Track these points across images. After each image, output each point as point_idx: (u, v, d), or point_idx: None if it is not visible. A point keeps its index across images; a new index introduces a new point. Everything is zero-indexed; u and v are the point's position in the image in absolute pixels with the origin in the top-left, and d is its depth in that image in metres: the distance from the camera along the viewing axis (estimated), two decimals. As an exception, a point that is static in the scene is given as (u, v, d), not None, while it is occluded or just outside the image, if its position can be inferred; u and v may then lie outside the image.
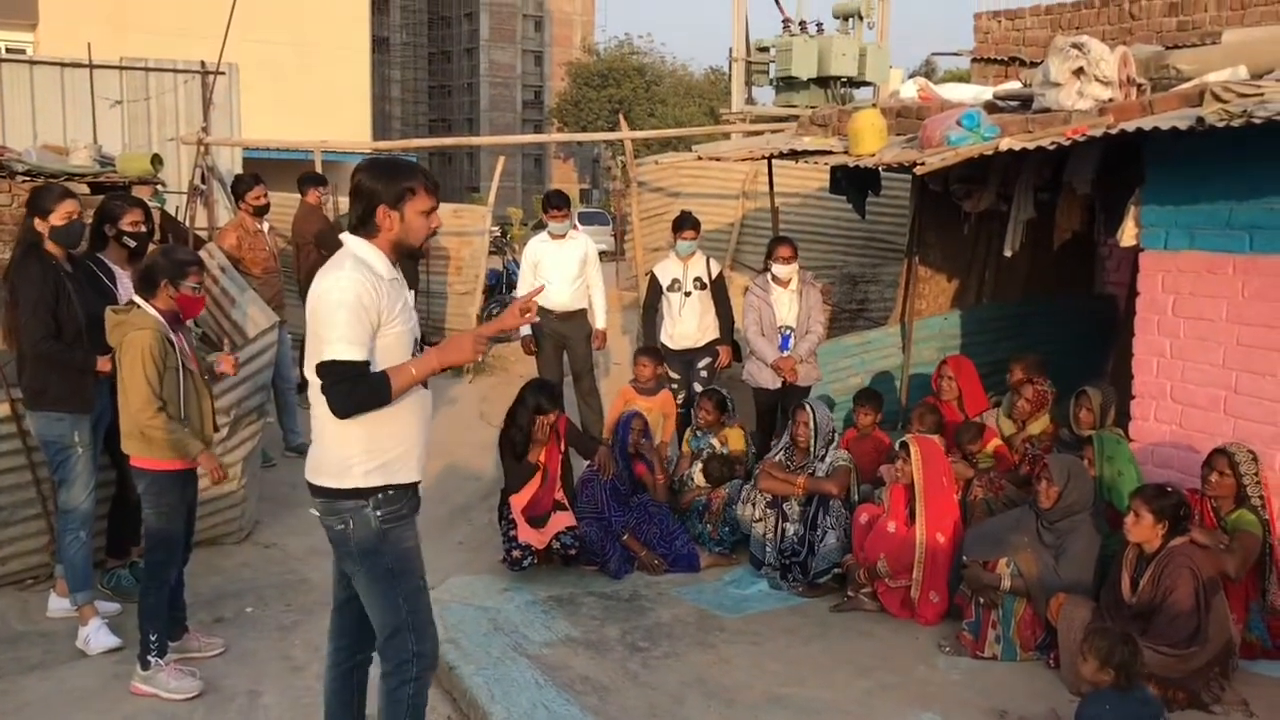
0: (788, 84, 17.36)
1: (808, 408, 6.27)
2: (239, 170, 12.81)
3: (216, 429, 5.10)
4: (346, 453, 3.33)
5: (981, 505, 5.78)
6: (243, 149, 14.27)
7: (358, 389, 3.24)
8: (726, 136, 13.63)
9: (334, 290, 3.23)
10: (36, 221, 5.02)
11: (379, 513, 3.37)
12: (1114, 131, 5.05)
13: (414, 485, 3.51)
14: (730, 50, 18.90)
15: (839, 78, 16.89)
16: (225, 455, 6.14)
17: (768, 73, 17.94)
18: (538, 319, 3.22)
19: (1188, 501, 4.78)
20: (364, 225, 3.36)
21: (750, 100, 19.07)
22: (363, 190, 3.34)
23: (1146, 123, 4.94)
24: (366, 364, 3.25)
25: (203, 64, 12.95)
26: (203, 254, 6.85)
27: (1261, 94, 4.68)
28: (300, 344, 9.60)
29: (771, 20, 17.80)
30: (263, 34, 20.94)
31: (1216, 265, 5.33)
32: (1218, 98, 4.77)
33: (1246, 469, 4.91)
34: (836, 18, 17.42)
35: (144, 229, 5.53)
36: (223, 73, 12.53)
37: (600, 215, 34.34)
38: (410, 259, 3.64)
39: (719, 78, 48.75)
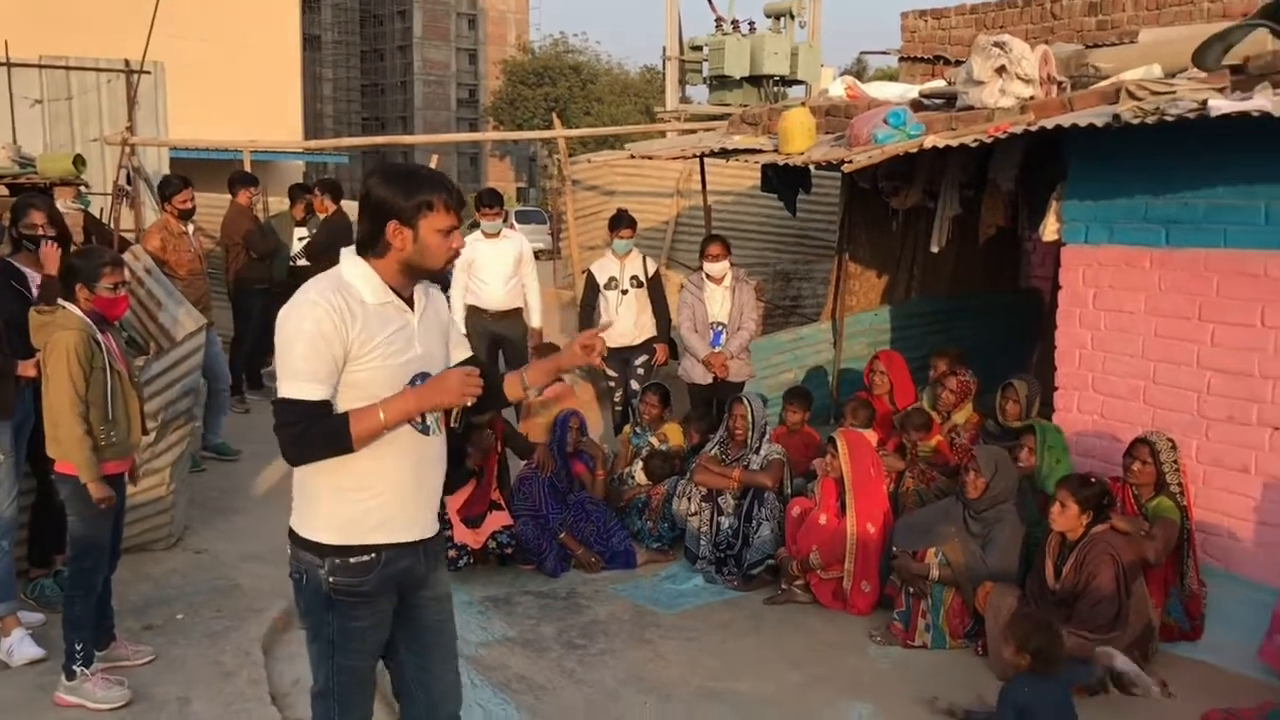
0: (721, 82, 17.48)
1: (745, 401, 6.33)
2: (166, 171, 12.60)
3: (146, 432, 5.02)
4: (315, 499, 2.91)
5: (914, 496, 5.89)
6: (169, 149, 14.02)
7: (308, 433, 2.79)
8: (662, 135, 13.69)
9: (290, 319, 2.81)
10: (-50, 225, 4.89)
11: (331, 579, 2.89)
12: (1034, 129, 5.17)
13: (398, 549, 2.95)
14: (664, 49, 18.95)
15: (771, 76, 17.04)
16: (154, 460, 6.05)
17: (701, 71, 18.03)
18: (605, 356, 2.76)
19: (1110, 490, 4.91)
20: (371, 242, 2.88)
21: (685, 99, 19.15)
22: (371, 201, 2.87)
23: (1066, 120, 5.05)
24: (325, 404, 2.80)
25: (127, 62, 12.69)
26: (127, 256, 6.74)
27: (1174, 92, 4.81)
28: (229, 345, 9.53)
29: (705, 19, 17.87)
30: (189, 32, 20.57)
31: (1134, 259, 5.47)
32: (1133, 96, 4.90)
33: (1166, 457, 5.05)
34: (768, 17, 17.57)
35: (43, 232, 5.39)
36: (148, 71, 12.30)
37: (537, 214, 34.25)
38: (434, 283, 3.12)
39: (654, 76, 48.83)
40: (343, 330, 2.79)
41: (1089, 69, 6.26)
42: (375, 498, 2.90)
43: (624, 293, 7.76)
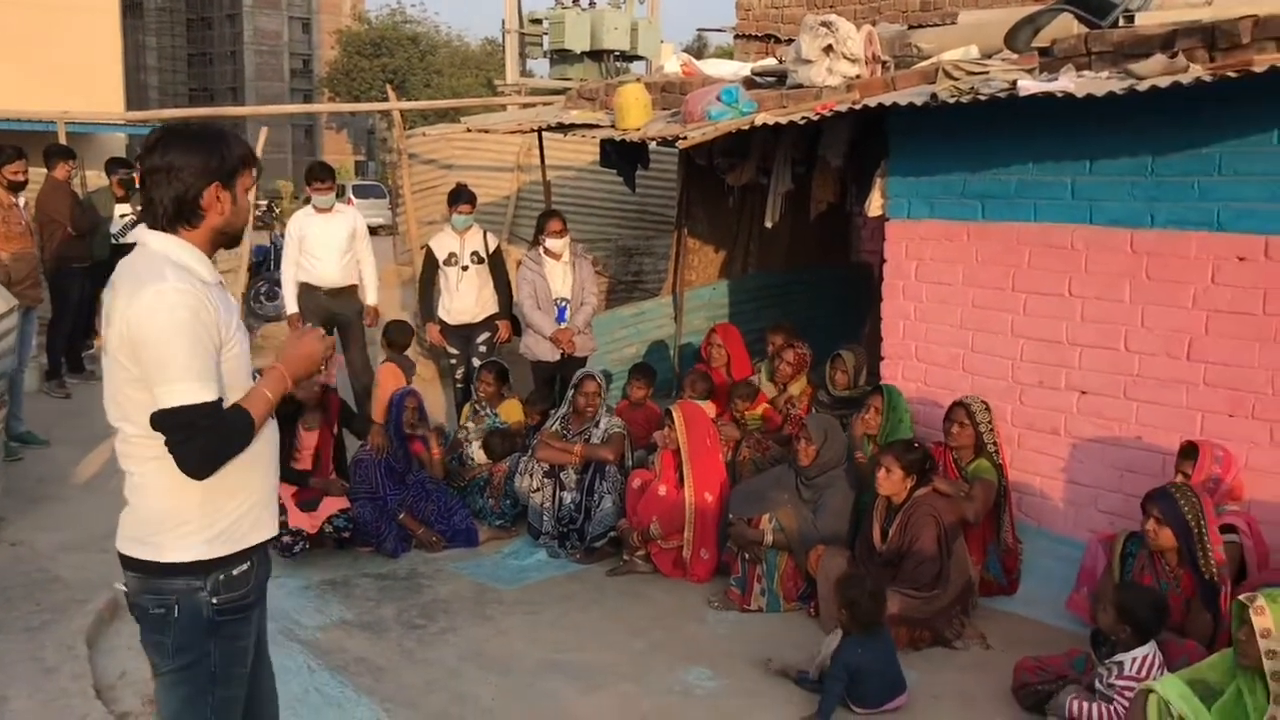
0: (562, 57, 17.43)
1: (595, 376, 6.37)
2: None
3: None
4: (179, 515, 2.58)
5: (749, 465, 6.04)
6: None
7: (216, 437, 2.51)
8: (503, 109, 13.56)
9: (159, 313, 2.45)
10: None
11: (215, 600, 2.61)
12: (858, 107, 5.33)
13: (264, 547, 2.75)
14: (504, 22, 18.77)
15: (612, 51, 17.08)
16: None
17: (542, 45, 17.95)
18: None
19: (932, 455, 5.14)
20: (183, 216, 2.58)
21: (526, 72, 19.04)
22: (176, 169, 2.55)
23: (887, 98, 5.22)
24: (220, 403, 2.52)
25: (-75, 26, 11.83)
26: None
27: (987, 73, 5.03)
28: (46, 326, 9.05)
29: (545, -8, 17.76)
30: (-4, -7, 19.34)
31: (953, 233, 5.71)
32: (949, 75, 5.10)
33: (982, 419, 5.31)
34: (608, -9, 17.60)
35: None
36: (-51, 36, 11.50)
37: (376, 188, 33.50)
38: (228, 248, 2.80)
39: (495, 49, 48.28)
40: (215, 317, 2.53)
41: (912, 49, 6.48)
42: (251, 496, 2.67)
43: (464, 269, 7.67)
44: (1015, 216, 5.43)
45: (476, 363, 7.64)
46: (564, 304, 7.38)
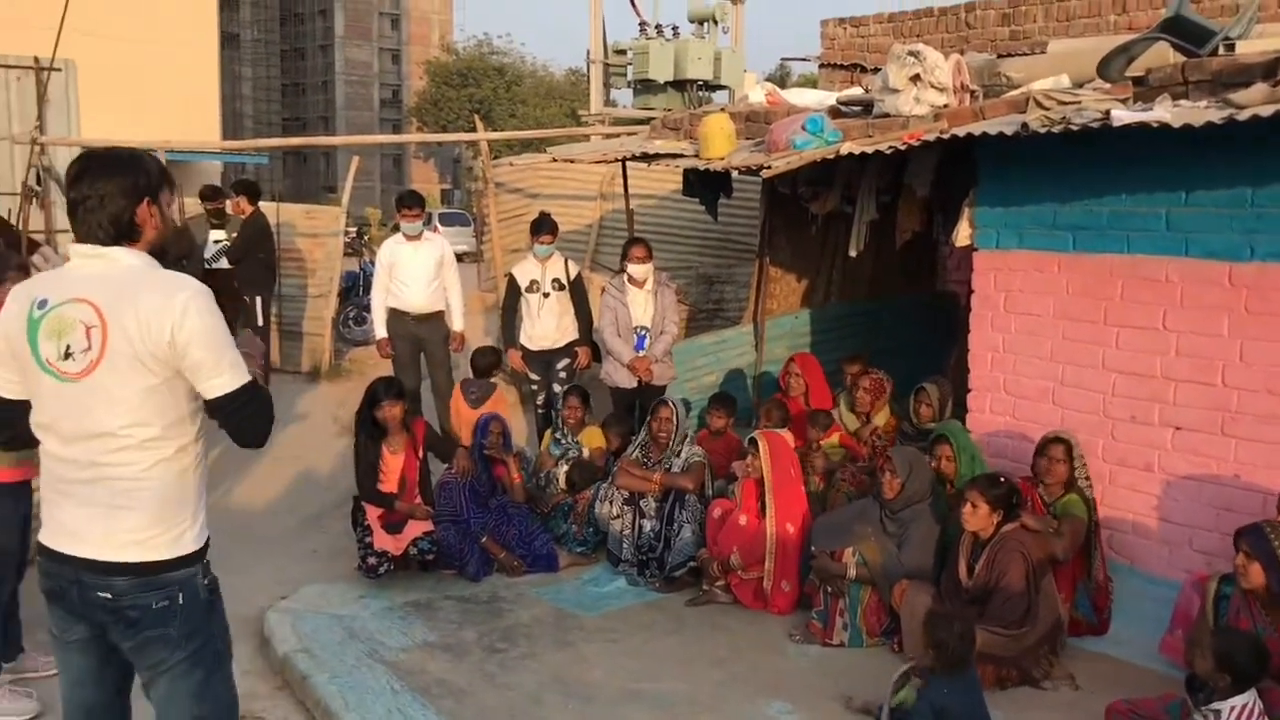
0: (645, 86, 17.48)
1: (670, 404, 6.38)
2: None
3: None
4: (183, 508, 2.78)
5: (843, 499, 5.96)
6: (81, 149, 13.65)
7: (268, 408, 2.85)
8: (586, 138, 13.68)
9: (206, 312, 2.71)
10: None
11: (207, 580, 2.83)
12: (946, 136, 5.28)
13: None
14: (588, 52, 18.95)
15: (695, 81, 17.12)
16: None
17: (626, 75, 18.06)
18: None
19: (1019, 489, 5.04)
20: (123, 234, 2.74)
21: (609, 102, 19.17)
22: (109, 192, 2.70)
23: (976, 128, 5.17)
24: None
25: (36, 60, 12.35)
26: (36, 258, 6.57)
27: (1079, 102, 4.96)
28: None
29: (629, 23, 17.89)
30: (103, 29, 20.10)
31: (1043, 264, 5.62)
32: (1040, 105, 5.04)
33: (1075, 455, 5.19)
34: (692, 21, 17.65)
35: None
36: (58, 69, 11.97)
37: (461, 216, 34.00)
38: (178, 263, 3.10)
39: (579, 79, 48.84)
40: None
41: (1000, 78, 6.42)
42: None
43: (545, 296, 7.77)
44: (1107, 248, 5.33)
45: (557, 388, 7.72)
46: (644, 332, 7.41)
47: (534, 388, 8.01)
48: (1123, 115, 4.52)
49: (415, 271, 7.97)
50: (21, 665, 4.70)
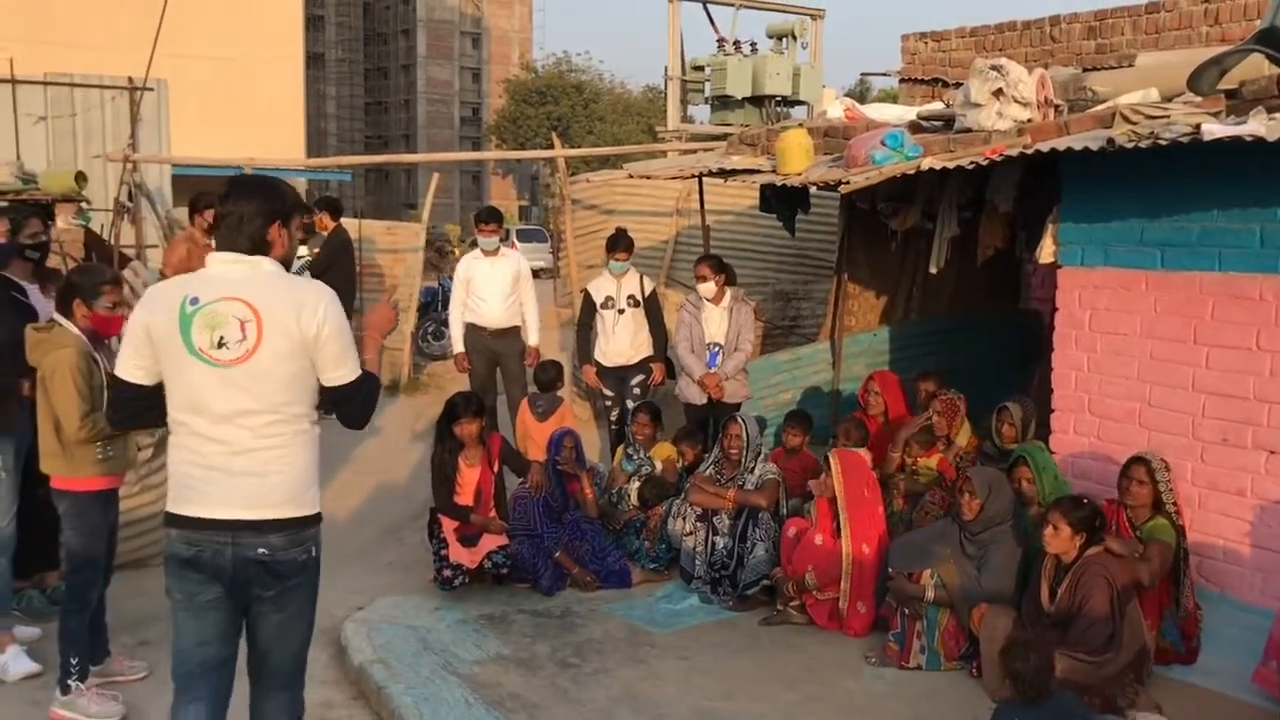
0: (723, 102, 17.49)
1: (739, 420, 6.35)
2: (167, 188, 12.65)
3: (141, 448, 5.03)
4: (313, 474, 3.27)
5: (931, 523, 5.82)
6: (171, 166, 14.07)
7: (374, 396, 3.36)
8: (663, 155, 13.71)
9: (338, 309, 3.20)
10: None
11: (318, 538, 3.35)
12: (1030, 151, 5.18)
13: None
14: (666, 69, 19.01)
15: (773, 97, 17.07)
16: (151, 475, 6.05)
17: (703, 91, 18.07)
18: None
19: (1103, 512, 4.91)
20: (258, 248, 3.19)
21: (687, 118, 19.19)
22: (249, 213, 3.17)
23: (1061, 143, 5.07)
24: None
25: (130, 80, 12.76)
26: (127, 272, 6.76)
27: (1168, 116, 4.84)
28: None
29: (707, 39, 17.91)
30: (194, 50, 20.70)
31: (1130, 281, 5.48)
32: (1126, 119, 4.92)
33: (1161, 476, 5.05)
34: (770, 37, 17.62)
35: (42, 239, 5.47)
36: (151, 89, 12.38)
37: (539, 232, 34.31)
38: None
39: (656, 96, 49.02)
40: None
41: (1086, 92, 6.28)
42: None
43: (620, 312, 7.79)
44: (1198, 266, 5.18)
45: (631, 404, 7.72)
46: (717, 349, 7.37)
47: (608, 404, 8.03)
48: (1214, 129, 4.39)
49: (492, 287, 8.03)
50: (109, 669, 4.82)
